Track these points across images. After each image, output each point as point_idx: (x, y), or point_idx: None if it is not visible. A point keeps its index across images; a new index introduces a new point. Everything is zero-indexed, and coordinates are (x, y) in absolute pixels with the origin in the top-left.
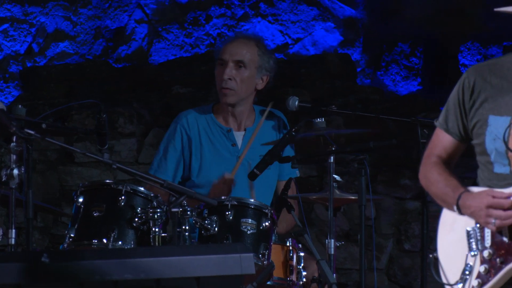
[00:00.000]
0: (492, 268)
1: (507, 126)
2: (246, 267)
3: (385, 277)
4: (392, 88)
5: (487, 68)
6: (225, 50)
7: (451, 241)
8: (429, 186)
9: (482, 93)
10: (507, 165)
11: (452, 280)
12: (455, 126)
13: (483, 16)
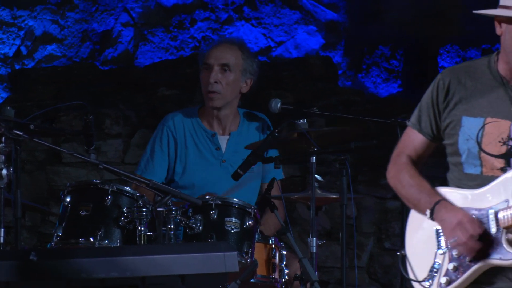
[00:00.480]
0: (461, 267)
1: (480, 127)
2: (230, 265)
3: (366, 275)
4: (373, 90)
5: (462, 70)
6: (210, 55)
7: (419, 239)
8: (400, 188)
9: (457, 94)
10: (478, 165)
11: (420, 276)
12: (428, 126)
13: (462, 20)
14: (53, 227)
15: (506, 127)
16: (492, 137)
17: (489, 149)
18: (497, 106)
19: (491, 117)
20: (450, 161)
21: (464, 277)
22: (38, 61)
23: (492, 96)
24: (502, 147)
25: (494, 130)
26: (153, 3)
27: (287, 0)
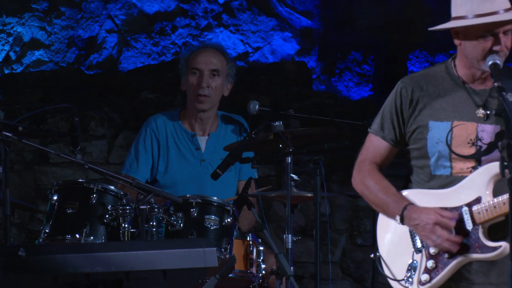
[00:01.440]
0: (439, 263)
1: (448, 130)
2: (210, 261)
3: (339, 269)
4: (345, 93)
5: (421, 77)
6: (198, 60)
7: (392, 240)
8: (367, 194)
9: (421, 101)
10: (448, 167)
11: (399, 276)
12: (391, 133)
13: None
14: (41, 224)
15: (473, 129)
16: (461, 139)
17: (459, 150)
18: (462, 109)
19: (458, 120)
20: (416, 164)
21: (443, 273)
22: (26, 65)
23: (456, 100)
24: (471, 148)
25: (462, 133)
26: (136, 10)
27: (263, 8)
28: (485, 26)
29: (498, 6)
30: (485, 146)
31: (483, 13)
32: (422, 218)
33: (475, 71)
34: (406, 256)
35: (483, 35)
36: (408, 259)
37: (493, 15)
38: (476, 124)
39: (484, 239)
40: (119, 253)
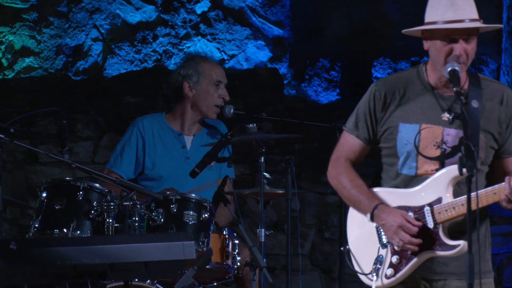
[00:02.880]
0: (403, 259)
1: (416, 132)
2: (188, 253)
3: (308, 261)
4: (314, 97)
5: (394, 81)
6: (219, 73)
7: (361, 235)
8: (341, 189)
9: (392, 103)
10: (414, 167)
11: (366, 270)
12: (365, 132)
13: (393, 35)
14: (31, 219)
15: (439, 132)
16: (427, 142)
17: (425, 152)
18: (430, 113)
19: (426, 123)
20: (386, 162)
21: (407, 267)
22: (18, 72)
23: (425, 104)
24: (437, 150)
25: (429, 135)
26: (120, 20)
27: (238, 18)
28: (449, 32)
29: (463, 15)
30: (449, 149)
31: (450, 20)
32: (389, 219)
33: (441, 75)
34: (373, 251)
35: (446, 39)
36: (374, 254)
37: (459, 22)
38: (442, 128)
39: (444, 237)
40: (104, 246)
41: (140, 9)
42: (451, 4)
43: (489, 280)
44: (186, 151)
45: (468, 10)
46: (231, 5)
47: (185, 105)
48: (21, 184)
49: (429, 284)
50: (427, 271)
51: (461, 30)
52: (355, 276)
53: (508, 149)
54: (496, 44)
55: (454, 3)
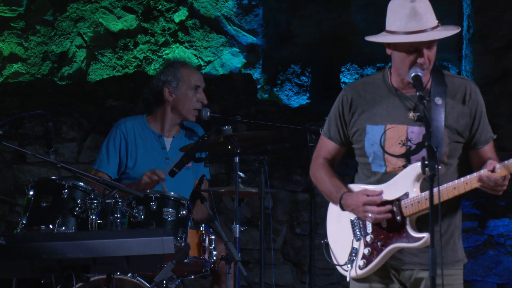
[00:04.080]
0: (375, 250)
1: (382, 133)
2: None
3: (280, 255)
4: (286, 101)
5: (361, 85)
6: (197, 78)
7: (337, 229)
8: (318, 184)
9: (359, 107)
10: (383, 165)
11: (341, 261)
12: (336, 134)
13: (360, 43)
14: (18, 216)
15: (404, 131)
16: (393, 141)
17: (391, 150)
18: (394, 113)
19: (390, 123)
20: (359, 160)
21: (378, 259)
22: (6, 77)
23: (389, 106)
24: (402, 148)
25: (394, 134)
26: (103, 28)
27: (214, 27)
28: (412, 43)
29: (425, 24)
30: (414, 146)
31: (411, 31)
32: (353, 202)
33: (404, 78)
34: (348, 244)
35: (410, 50)
36: (349, 246)
37: (421, 33)
38: (407, 127)
39: (411, 230)
40: (88, 241)
41: (122, 18)
42: (414, 15)
43: (457, 271)
44: (166, 152)
45: (429, 18)
46: (208, 14)
47: (165, 109)
48: (9, 183)
49: (397, 273)
50: (396, 261)
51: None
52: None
53: (479, 140)
54: (457, 51)
55: (417, 14)
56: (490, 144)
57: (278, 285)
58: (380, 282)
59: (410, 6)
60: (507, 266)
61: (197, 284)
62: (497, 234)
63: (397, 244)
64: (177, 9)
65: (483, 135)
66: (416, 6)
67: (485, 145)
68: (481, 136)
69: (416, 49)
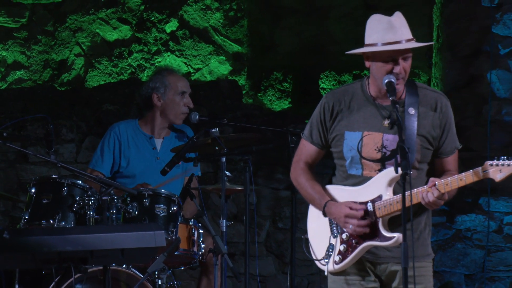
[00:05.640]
0: (350, 247)
1: (359, 139)
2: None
3: (263, 248)
4: (269, 106)
5: (341, 93)
6: (183, 84)
7: (317, 226)
8: (299, 189)
9: (339, 113)
10: (359, 168)
11: (319, 256)
12: (318, 139)
13: (337, 52)
14: (21, 212)
15: (380, 138)
16: (369, 147)
17: (368, 156)
18: (371, 121)
19: (367, 130)
20: (337, 163)
21: (352, 255)
22: (10, 83)
23: (367, 114)
24: (378, 153)
25: (370, 141)
26: (99, 38)
27: (203, 37)
28: (389, 52)
29: (400, 36)
30: (389, 152)
31: (388, 42)
32: (337, 213)
33: (380, 88)
34: (326, 240)
35: (387, 60)
36: (327, 243)
37: (397, 44)
38: (382, 134)
39: (383, 230)
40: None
41: (117, 28)
42: (389, 27)
43: (427, 264)
44: (157, 152)
45: (404, 31)
46: (197, 25)
47: (155, 113)
48: (12, 181)
49: (373, 266)
50: (372, 256)
51: (399, 50)
52: (304, 261)
53: (445, 151)
54: (427, 59)
55: (392, 26)
56: (454, 155)
57: (262, 276)
58: (357, 275)
59: (386, 20)
60: (474, 258)
61: (186, 274)
62: (464, 229)
63: (370, 242)
64: (168, 21)
65: (449, 146)
66: (392, 20)
67: (449, 156)
68: (447, 147)
69: (392, 59)
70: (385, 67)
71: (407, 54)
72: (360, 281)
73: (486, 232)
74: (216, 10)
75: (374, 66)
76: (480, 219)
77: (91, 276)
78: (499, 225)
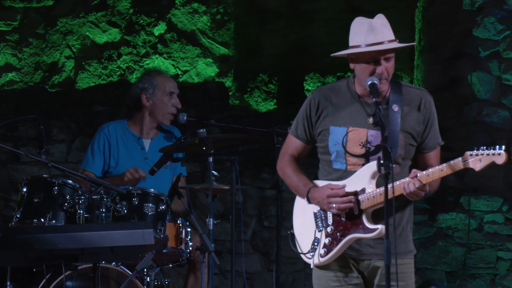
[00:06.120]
0: (334, 240)
1: (344, 134)
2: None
3: (250, 246)
4: (255, 107)
5: (328, 90)
6: (171, 85)
7: (302, 221)
8: (285, 178)
9: (325, 110)
10: (344, 163)
11: (305, 250)
12: (303, 134)
13: (322, 54)
14: (13, 210)
15: (364, 134)
16: (354, 142)
17: (352, 151)
18: (356, 117)
19: (352, 126)
20: (321, 158)
21: (337, 248)
22: (2, 85)
23: (352, 110)
24: (362, 149)
25: (355, 136)
26: (89, 41)
27: (190, 40)
28: (370, 53)
29: (382, 37)
30: (372, 148)
31: (371, 43)
32: (319, 195)
33: (365, 88)
34: (311, 234)
35: (369, 61)
36: (312, 237)
37: (379, 44)
38: (367, 130)
39: (367, 222)
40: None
41: (107, 31)
42: (371, 29)
43: (408, 260)
44: (145, 152)
45: (386, 33)
46: (184, 28)
47: (143, 113)
48: (4, 180)
49: (356, 263)
50: (355, 252)
51: (381, 51)
52: (289, 258)
53: (427, 146)
54: (410, 61)
55: (374, 28)
56: (436, 150)
57: (248, 273)
58: (340, 271)
59: (368, 23)
60: (455, 256)
61: (174, 272)
62: (446, 227)
63: (354, 234)
64: (156, 24)
65: (431, 142)
66: (373, 22)
67: (432, 151)
68: (429, 142)
69: (375, 60)
70: (368, 68)
71: (389, 54)
72: (343, 277)
73: (467, 230)
74: (203, 14)
75: (358, 68)
76: (461, 217)
77: (81, 273)
78: (480, 224)
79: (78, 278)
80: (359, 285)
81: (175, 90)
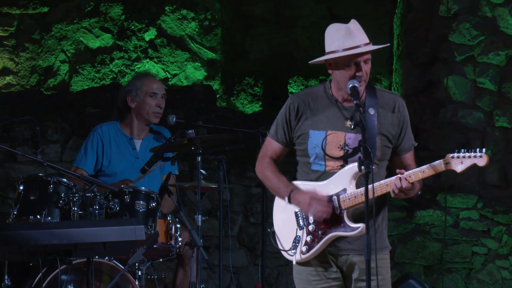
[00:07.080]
0: (316, 238)
1: (323, 137)
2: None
3: (236, 241)
4: (241, 109)
5: (306, 95)
6: (154, 87)
7: (283, 219)
8: (265, 180)
9: (304, 114)
10: (323, 165)
11: (287, 247)
12: (283, 137)
13: (305, 58)
14: (10, 208)
15: (342, 137)
16: (333, 145)
17: (331, 153)
18: (334, 121)
19: (331, 130)
20: (300, 160)
21: (318, 245)
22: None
23: (330, 114)
24: (341, 151)
25: (334, 139)
26: (83, 46)
27: (179, 45)
28: (350, 57)
29: (359, 41)
30: (351, 150)
31: (348, 47)
32: (301, 197)
33: (344, 92)
34: (292, 232)
35: (349, 64)
36: (293, 234)
37: (356, 48)
38: (345, 133)
39: (348, 220)
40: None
41: (99, 36)
42: (349, 34)
43: (385, 256)
44: (136, 152)
45: (362, 36)
46: (174, 34)
47: (132, 115)
48: (1, 179)
49: (335, 258)
50: (334, 248)
51: (360, 54)
52: (274, 253)
53: (403, 148)
54: (388, 65)
55: (351, 33)
56: (411, 152)
57: (235, 267)
58: (320, 266)
59: (344, 28)
60: (432, 251)
61: (164, 266)
62: (423, 223)
63: (336, 233)
64: (147, 29)
65: (407, 144)
66: (350, 27)
67: (407, 153)
68: (405, 145)
69: (354, 63)
70: (349, 71)
71: (367, 57)
72: (323, 272)
73: (443, 226)
74: (192, 20)
75: (338, 72)
76: (438, 214)
77: (76, 267)
78: (456, 220)
79: (73, 272)
80: (338, 279)
81: (159, 91)
